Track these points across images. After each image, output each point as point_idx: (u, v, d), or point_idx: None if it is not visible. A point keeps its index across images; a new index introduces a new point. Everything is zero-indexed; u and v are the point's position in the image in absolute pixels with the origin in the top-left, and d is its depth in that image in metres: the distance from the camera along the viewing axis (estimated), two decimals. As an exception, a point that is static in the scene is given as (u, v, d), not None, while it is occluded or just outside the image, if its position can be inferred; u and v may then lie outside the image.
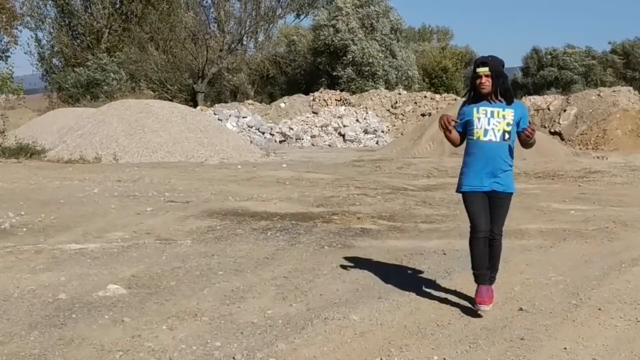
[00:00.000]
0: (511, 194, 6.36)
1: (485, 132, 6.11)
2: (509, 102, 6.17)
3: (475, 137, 6.18)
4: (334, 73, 53.74)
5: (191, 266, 8.04)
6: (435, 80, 60.57)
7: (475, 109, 6.16)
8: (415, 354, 5.33)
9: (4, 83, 35.55)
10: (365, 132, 37.68)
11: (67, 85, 50.28)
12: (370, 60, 52.85)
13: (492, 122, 6.08)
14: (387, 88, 48.43)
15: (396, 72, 54.07)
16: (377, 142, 36.42)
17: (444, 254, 8.88)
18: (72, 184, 15.18)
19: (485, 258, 6.40)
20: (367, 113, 40.41)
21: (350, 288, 7.21)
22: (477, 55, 73.12)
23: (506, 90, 6.13)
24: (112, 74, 49.45)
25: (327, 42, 53.98)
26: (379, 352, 5.36)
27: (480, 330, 5.87)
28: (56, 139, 24.37)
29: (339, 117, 39.16)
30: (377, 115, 40.50)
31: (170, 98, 45.96)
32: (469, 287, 7.21)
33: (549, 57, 73.94)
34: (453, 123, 6.19)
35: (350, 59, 53.01)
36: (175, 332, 5.78)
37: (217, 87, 56.98)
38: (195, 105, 45.11)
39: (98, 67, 49.58)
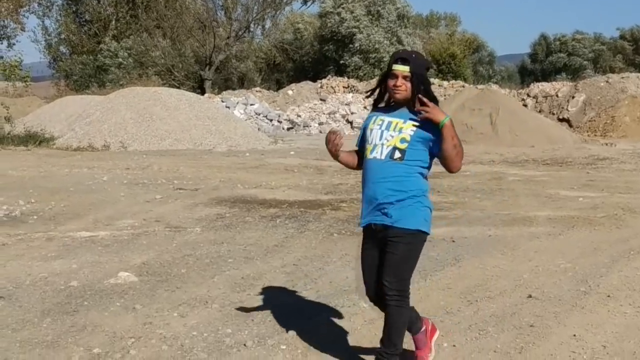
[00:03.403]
0: (410, 231, 4.43)
1: (374, 147, 4.50)
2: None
3: (365, 155, 4.61)
4: (341, 61, 53.66)
5: (201, 254, 8.08)
6: (443, 67, 60.34)
7: (374, 118, 4.60)
8: (425, 340, 5.36)
9: (11, 70, 35.54)
10: (373, 120, 37.61)
11: (74, 74, 50.30)
12: (377, 47, 52.75)
13: (385, 135, 4.47)
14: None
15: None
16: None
17: (453, 241, 8.90)
18: (81, 171, 15.23)
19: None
20: (374, 100, 40.32)
21: (360, 275, 7.23)
22: (485, 42, 72.95)
23: (432, 99, 4.44)
24: (121, 59, 49.48)
25: (333, 29, 53.88)
26: (388, 339, 5.38)
27: (489, 317, 5.89)
28: (65, 126, 24.42)
29: (346, 104, 39.08)
30: (384, 103, 40.41)
31: (178, 85, 45.94)
32: (478, 274, 7.25)
33: (558, 43, 73.60)
34: (341, 142, 4.66)
35: (357, 47, 52.92)
36: (186, 319, 5.82)
37: (225, 75, 56.87)
38: (202, 92, 45.04)
39: (108, 54, 49.61)
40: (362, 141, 4.68)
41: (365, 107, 38.46)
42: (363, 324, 5.71)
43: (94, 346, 5.19)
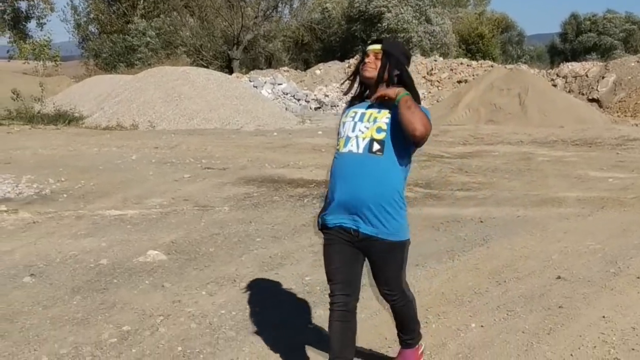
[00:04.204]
0: (401, 243, 4.11)
1: (347, 140, 4.05)
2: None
3: (337, 149, 4.16)
4: (369, 40, 53.39)
5: (229, 233, 8.12)
6: (471, 46, 59.90)
7: (347, 112, 4.21)
8: (453, 320, 5.36)
9: (41, 50, 35.84)
10: (401, 99, 37.47)
11: (103, 53, 50.52)
12: (405, 27, 52.44)
13: (359, 127, 4.04)
14: (422, 55, 48.05)
15: (430, 39, 53.60)
16: (412, 109, 36.22)
17: (481, 221, 8.87)
18: (110, 150, 15.32)
19: (342, 341, 4.15)
20: (402, 80, 40.17)
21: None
22: (514, 22, 72.30)
23: (406, 85, 4.07)
24: (149, 38, 49.60)
25: (361, 8, 53.62)
26: (416, 319, 5.39)
27: (518, 298, 5.87)
28: (94, 106, 24.55)
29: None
30: (412, 82, 40.25)
31: (206, 65, 45.96)
32: (507, 255, 7.23)
33: (588, 22, 72.76)
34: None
35: (385, 26, 52.63)
36: (214, 298, 5.87)
37: (252, 54, 56.81)
38: (230, 72, 45.03)
39: (137, 33, 49.74)
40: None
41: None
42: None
43: (124, 323, 5.25)
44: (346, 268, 4.10)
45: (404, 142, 3.96)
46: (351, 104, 4.24)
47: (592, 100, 33.77)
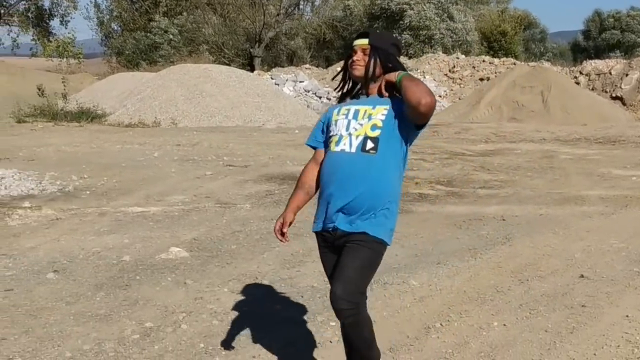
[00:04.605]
0: (375, 238, 3.71)
1: (340, 139, 3.77)
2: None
3: (329, 149, 3.87)
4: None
5: (251, 230, 8.14)
6: (494, 44, 59.64)
7: (337, 110, 3.91)
8: (475, 319, 5.34)
9: (65, 48, 36.03)
10: (423, 96, 37.36)
11: (126, 51, 50.76)
12: (427, 24, 52.28)
13: (353, 125, 3.76)
14: (444, 52, 47.88)
15: (452, 36, 53.41)
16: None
17: (503, 219, 8.83)
18: (132, 147, 15.39)
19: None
20: (424, 77, 40.08)
21: (409, 253, 7.23)
22: (536, 19, 71.87)
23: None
24: (171, 36, 49.80)
25: (383, 6, 53.52)
26: (438, 317, 5.38)
27: (540, 296, 5.84)
28: (116, 103, 24.68)
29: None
30: (435, 80, 40.15)
31: (228, 62, 46.08)
32: (529, 253, 7.19)
33: (612, 19, 72.24)
34: (286, 230, 4.02)
35: (407, 24, 52.50)
36: (236, 295, 5.88)
37: (274, 52, 56.88)
38: (252, 69, 45.11)
39: (159, 30, 49.94)
40: (317, 136, 3.99)
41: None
42: (413, 302, 5.71)
43: (146, 320, 5.27)
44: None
45: (401, 141, 3.74)
46: (342, 99, 4.00)
47: (616, 98, 33.52)
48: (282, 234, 3.99)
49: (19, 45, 52.99)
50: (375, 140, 3.67)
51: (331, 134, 3.83)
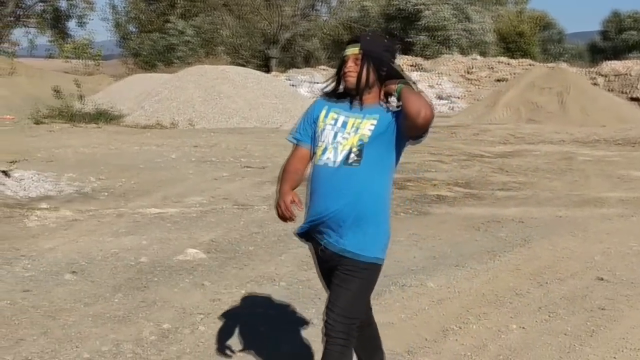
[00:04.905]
0: (367, 263, 3.65)
1: (325, 150, 3.65)
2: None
3: (315, 157, 3.76)
4: (407, 39, 53.20)
5: (268, 232, 8.13)
6: (511, 45, 59.43)
7: (325, 111, 3.77)
8: (494, 322, 5.32)
9: (82, 49, 36.26)
10: (439, 97, 37.29)
11: (143, 52, 50.94)
12: (444, 24, 52.16)
13: (340, 136, 3.63)
14: (460, 53, 47.76)
15: (469, 37, 53.26)
16: (452, 108, 36.05)
17: (522, 222, 8.79)
18: (150, 149, 15.43)
19: (359, 348, 3.96)
20: (441, 79, 40.00)
21: (427, 255, 7.21)
22: (554, 20, 71.55)
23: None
24: (188, 37, 49.94)
25: (400, 7, 53.46)
26: (456, 319, 5.36)
27: (559, 299, 5.81)
28: (134, 104, 24.72)
29: (412, 82, 38.84)
30: (451, 81, 40.06)
31: (244, 64, 46.11)
32: (548, 256, 7.16)
33: (630, 20, 71.79)
34: (294, 207, 3.87)
35: (424, 25, 52.40)
36: (253, 297, 5.87)
37: (290, 53, 56.93)
38: (268, 71, 45.18)
39: (176, 32, 50.09)
40: (305, 131, 3.84)
41: (430, 86, 38.12)
42: (430, 304, 5.69)
43: (164, 321, 5.28)
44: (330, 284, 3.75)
45: (388, 149, 3.64)
46: (326, 96, 3.83)
47: (634, 99, 33.34)
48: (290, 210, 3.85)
49: (36, 46, 53.38)
50: (359, 152, 3.56)
51: (317, 141, 3.72)
